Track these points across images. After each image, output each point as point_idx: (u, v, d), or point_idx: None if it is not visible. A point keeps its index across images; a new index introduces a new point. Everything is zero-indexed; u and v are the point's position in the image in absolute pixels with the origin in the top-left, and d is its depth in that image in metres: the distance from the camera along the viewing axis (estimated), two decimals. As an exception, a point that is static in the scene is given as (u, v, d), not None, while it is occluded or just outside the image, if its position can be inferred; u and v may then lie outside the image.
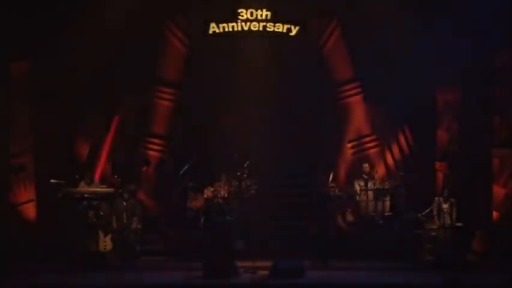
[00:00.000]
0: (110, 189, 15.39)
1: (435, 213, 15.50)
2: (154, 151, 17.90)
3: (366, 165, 17.13)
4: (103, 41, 16.68)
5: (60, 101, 16.87)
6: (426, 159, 17.42)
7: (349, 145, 18.06)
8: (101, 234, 15.02)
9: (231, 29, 17.72)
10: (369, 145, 17.97)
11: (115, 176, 16.24)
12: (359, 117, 17.99)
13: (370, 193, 16.66)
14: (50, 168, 16.36)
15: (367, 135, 18.01)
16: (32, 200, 16.79)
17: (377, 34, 17.06)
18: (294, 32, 17.75)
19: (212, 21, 17.69)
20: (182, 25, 17.95)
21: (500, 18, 15.90)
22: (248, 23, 17.68)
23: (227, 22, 17.67)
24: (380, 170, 17.47)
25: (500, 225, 16.24)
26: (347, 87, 18.02)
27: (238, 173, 16.46)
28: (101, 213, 15.17)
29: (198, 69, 17.66)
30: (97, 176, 16.97)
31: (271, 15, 17.69)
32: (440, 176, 17.30)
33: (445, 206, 15.50)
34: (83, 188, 15.58)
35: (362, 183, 16.86)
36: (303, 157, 17.44)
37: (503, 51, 16.54)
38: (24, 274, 13.79)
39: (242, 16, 17.68)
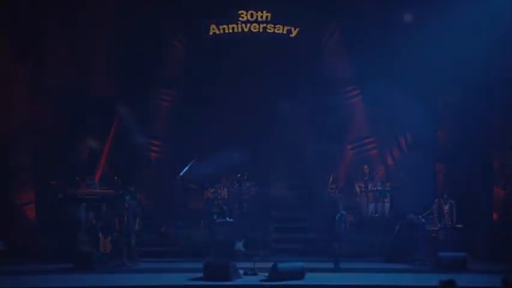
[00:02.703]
0: (110, 191, 15.39)
1: (435, 214, 15.48)
2: (154, 152, 17.89)
3: (366, 166, 17.13)
4: (103, 42, 16.66)
5: (60, 102, 16.86)
6: (426, 160, 17.40)
7: (349, 146, 18.05)
8: (101, 236, 15.00)
9: (231, 31, 17.73)
10: (369, 146, 17.97)
11: (115, 178, 16.23)
12: (358, 118, 17.99)
13: (370, 194, 16.67)
14: (50, 169, 16.35)
15: (367, 137, 18.00)
16: (31, 202, 16.76)
17: (377, 35, 17.06)
18: (294, 33, 17.77)
19: (212, 23, 17.70)
20: (183, 26, 17.94)
21: (500, 18, 15.88)
22: (248, 25, 17.69)
23: (227, 24, 17.68)
24: (380, 172, 17.47)
25: (500, 226, 16.22)
26: (347, 88, 18.02)
27: (239, 175, 16.49)
28: (101, 214, 15.15)
29: (198, 70, 17.66)
30: (97, 178, 16.95)
31: (272, 17, 17.70)
32: (440, 177, 17.28)
33: (445, 207, 15.48)
34: (83, 189, 15.57)
35: (362, 185, 16.86)
36: (303, 158, 17.44)
37: (504, 51, 16.51)
38: (24, 274, 13.78)
39: (242, 18, 17.69)
